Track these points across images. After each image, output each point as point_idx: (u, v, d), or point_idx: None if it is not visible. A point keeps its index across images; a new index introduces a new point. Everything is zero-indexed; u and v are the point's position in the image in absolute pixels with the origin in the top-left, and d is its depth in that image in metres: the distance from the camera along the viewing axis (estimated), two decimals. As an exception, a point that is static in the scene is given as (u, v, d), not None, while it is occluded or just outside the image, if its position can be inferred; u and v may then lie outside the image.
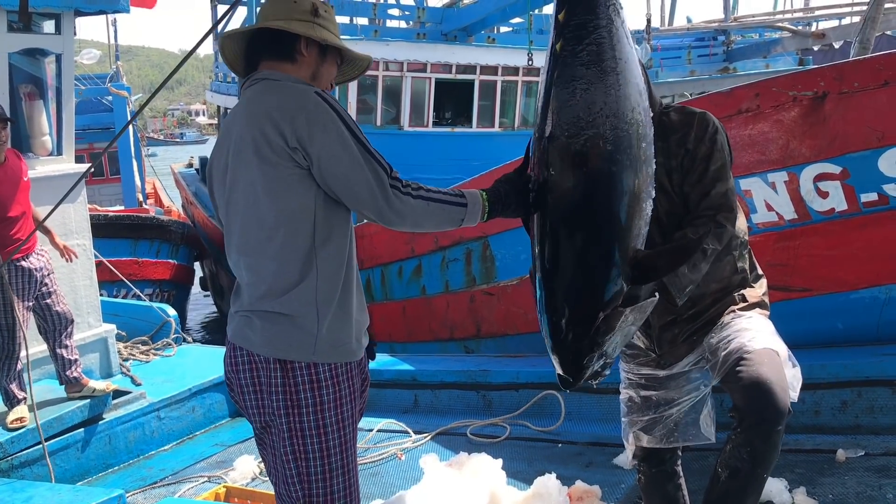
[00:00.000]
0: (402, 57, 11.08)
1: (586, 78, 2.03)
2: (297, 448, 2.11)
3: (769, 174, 4.69)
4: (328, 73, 2.23)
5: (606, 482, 3.83)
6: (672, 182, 2.40)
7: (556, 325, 2.15)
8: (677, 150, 2.38)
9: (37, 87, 5.50)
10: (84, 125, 15.93)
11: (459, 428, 4.96)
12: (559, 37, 2.07)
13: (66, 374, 4.82)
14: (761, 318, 2.54)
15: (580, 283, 2.11)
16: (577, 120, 2.04)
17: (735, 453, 2.33)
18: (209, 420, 5.56)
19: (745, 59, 16.85)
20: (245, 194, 2.09)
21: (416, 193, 2.03)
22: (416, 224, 2.06)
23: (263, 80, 2.13)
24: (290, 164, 2.01)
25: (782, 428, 2.28)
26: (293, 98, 2.03)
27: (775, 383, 2.29)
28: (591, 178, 2.07)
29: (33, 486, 4.01)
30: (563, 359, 2.18)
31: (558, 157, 2.07)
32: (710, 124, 2.40)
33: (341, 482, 2.15)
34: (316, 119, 1.99)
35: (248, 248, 2.12)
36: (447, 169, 10.95)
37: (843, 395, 4.33)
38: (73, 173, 5.34)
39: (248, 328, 2.13)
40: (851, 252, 4.63)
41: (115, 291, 9.30)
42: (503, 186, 2.14)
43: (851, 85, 4.35)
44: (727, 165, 2.40)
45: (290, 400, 2.09)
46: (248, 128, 2.05)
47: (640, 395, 2.69)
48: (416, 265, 8.02)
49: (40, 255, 4.68)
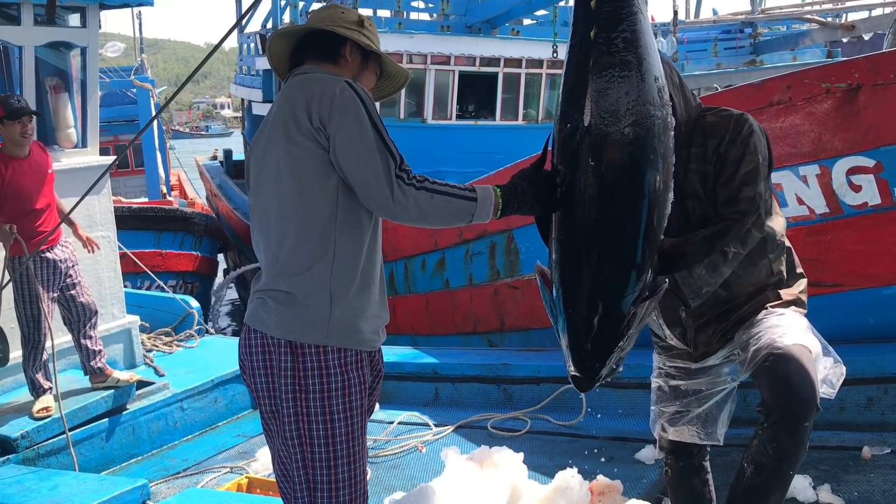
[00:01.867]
0: (426, 49, 11.07)
1: (622, 66, 1.99)
2: (302, 433, 2.11)
3: (800, 167, 4.62)
4: (368, 80, 2.32)
5: (628, 477, 3.81)
6: (706, 187, 2.37)
7: (580, 325, 2.10)
8: (712, 155, 2.36)
9: (62, 80, 5.55)
10: (109, 118, 16.07)
11: (480, 421, 4.95)
12: (591, 24, 2.03)
13: (91, 365, 4.87)
14: (795, 315, 2.50)
15: (610, 279, 2.06)
16: (616, 109, 1.99)
17: (761, 448, 2.30)
18: (231, 411, 5.60)
19: (773, 51, 16.64)
20: (271, 172, 2.14)
21: (420, 185, 2.02)
22: (421, 217, 2.03)
23: (304, 73, 2.21)
24: (313, 145, 2.06)
25: (809, 424, 2.25)
26: (323, 84, 2.10)
27: (803, 379, 2.27)
28: (626, 170, 2.01)
29: (59, 475, 4.08)
30: (584, 360, 2.13)
31: (596, 149, 2.01)
32: (745, 126, 2.36)
33: (346, 471, 2.14)
34: (340, 102, 2.05)
35: (268, 227, 2.16)
36: (470, 162, 10.94)
37: (868, 392, 4.28)
38: (98, 165, 5.38)
39: (263, 310, 2.15)
40: (884, 247, 4.55)
41: (139, 283, 9.38)
42: (520, 183, 2.09)
43: (887, 76, 4.27)
44: (759, 169, 2.35)
45: (298, 384, 2.10)
46: (280, 111, 2.13)
47: (670, 385, 2.68)
48: (440, 258, 8.02)
49: (65, 246, 4.73)
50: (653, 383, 2.76)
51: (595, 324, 2.07)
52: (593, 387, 2.17)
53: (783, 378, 2.28)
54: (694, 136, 2.37)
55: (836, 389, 2.38)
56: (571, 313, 2.10)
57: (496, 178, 6.96)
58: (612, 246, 2.05)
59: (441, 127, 11.38)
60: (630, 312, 2.07)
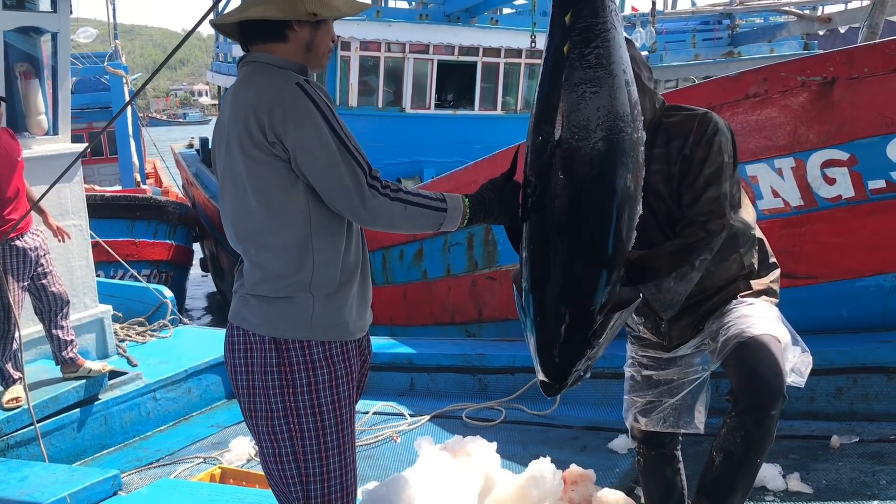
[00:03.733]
0: (405, 38, 11.00)
1: (594, 82, 2.01)
2: (292, 427, 2.10)
3: (776, 160, 4.65)
4: (324, 38, 2.16)
5: (601, 466, 3.83)
6: (670, 188, 2.38)
7: (548, 331, 2.12)
8: (677, 156, 2.37)
9: (32, 66, 5.45)
10: (83, 104, 15.86)
11: (455, 411, 4.97)
12: (565, 39, 2.04)
13: (62, 355, 4.82)
14: (765, 305, 2.52)
15: (578, 288, 2.09)
16: (587, 124, 2.01)
17: (729, 437, 2.34)
18: (205, 401, 5.57)
19: (750, 43, 16.69)
20: (234, 186, 2.08)
21: (395, 196, 1.99)
22: (391, 226, 2.03)
23: (253, 62, 2.11)
24: (271, 159, 1.99)
25: (776, 413, 2.28)
26: (272, 90, 1.99)
27: (770, 368, 2.30)
28: (595, 184, 2.04)
29: (28, 466, 4.03)
30: (552, 366, 2.16)
31: (565, 163, 2.03)
32: (710, 125, 2.35)
33: (337, 461, 2.14)
34: (292, 112, 1.96)
35: (241, 238, 2.13)
36: (448, 152, 10.93)
37: (838, 382, 4.33)
38: (69, 153, 5.30)
39: (245, 308, 2.14)
40: (858, 239, 4.60)
41: (113, 272, 9.28)
42: (488, 194, 2.11)
43: (861, 70, 4.30)
44: (724, 169, 2.35)
45: (285, 379, 2.08)
46: (233, 122, 2.03)
47: (643, 375, 2.70)
48: (418, 249, 8.01)
49: (35, 234, 4.66)
50: (626, 372, 2.78)
51: (562, 331, 2.10)
52: (561, 392, 2.20)
53: (751, 367, 2.31)
54: (657, 136, 2.37)
55: (805, 378, 2.41)
56: (539, 320, 2.13)
57: (476, 167, 6.96)
58: (579, 256, 2.07)
59: (419, 116, 11.34)
60: (597, 322, 2.09)
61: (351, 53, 10.66)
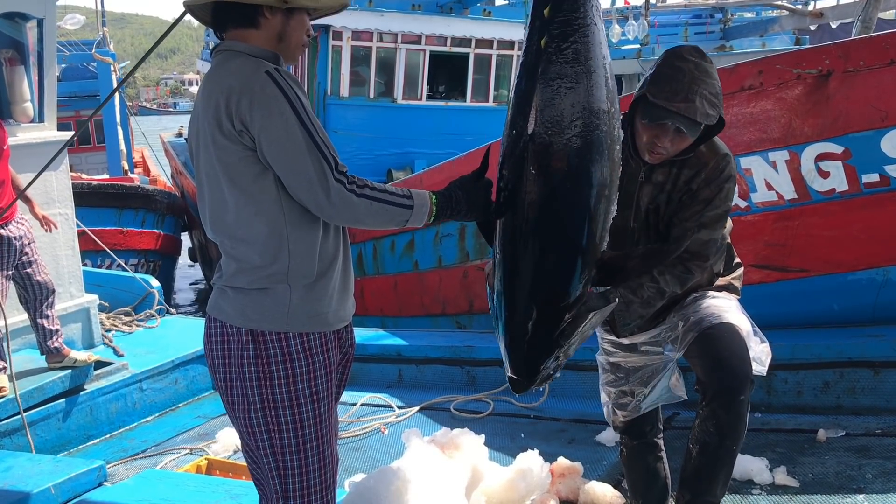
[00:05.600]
0: (397, 28, 10.94)
1: (570, 77, 2.00)
2: (269, 419, 2.08)
3: (770, 153, 4.64)
4: (297, 29, 2.11)
5: (589, 459, 3.83)
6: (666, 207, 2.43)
7: (516, 327, 2.13)
8: (684, 186, 2.40)
9: (18, 53, 5.37)
10: (70, 92, 15.72)
11: (443, 403, 4.96)
12: (543, 32, 2.02)
13: (47, 345, 4.78)
14: (725, 297, 2.58)
15: (550, 284, 2.09)
16: (561, 119, 2.00)
17: (702, 427, 2.39)
18: (192, 392, 5.54)
19: (742, 37, 16.71)
20: (208, 177, 2.06)
21: (361, 192, 1.96)
22: (355, 221, 2.00)
23: (225, 51, 2.07)
24: (239, 147, 1.96)
25: (745, 398, 2.32)
26: (241, 79, 1.95)
27: (735, 354, 2.35)
28: (569, 179, 2.04)
29: (13, 456, 3.99)
30: (518, 363, 2.17)
31: (538, 158, 2.03)
32: (726, 170, 2.39)
33: (315, 455, 2.12)
34: (260, 101, 1.92)
35: (218, 229, 2.10)
36: (440, 143, 10.89)
37: (825, 376, 4.34)
38: (55, 141, 5.24)
39: (222, 299, 2.11)
40: (850, 233, 4.60)
41: (100, 261, 9.22)
42: (456, 192, 2.08)
43: (857, 63, 4.29)
44: (723, 216, 2.41)
45: (262, 371, 2.05)
46: (205, 112, 2.00)
47: (609, 362, 2.74)
48: (409, 240, 7.98)
49: (20, 223, 4.61)
50: (598, 359, 2.82)
51: (530, 328, 2.10)
52: (529, 389, 2.21)
53: (715, 355, 2.36)
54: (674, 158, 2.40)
55: (766, 367, 2.46)
56: (508, 316, 2.14)
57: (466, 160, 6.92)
58: (549, 254, 2.07)
59: (411, 107, 11.29)
60: (565, 320, 2.09)
61: (343, 43, 10.60)
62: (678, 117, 2.25)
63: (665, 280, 2.38)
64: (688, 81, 2.25)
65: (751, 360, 2.37)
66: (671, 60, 2.31)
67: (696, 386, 2.41)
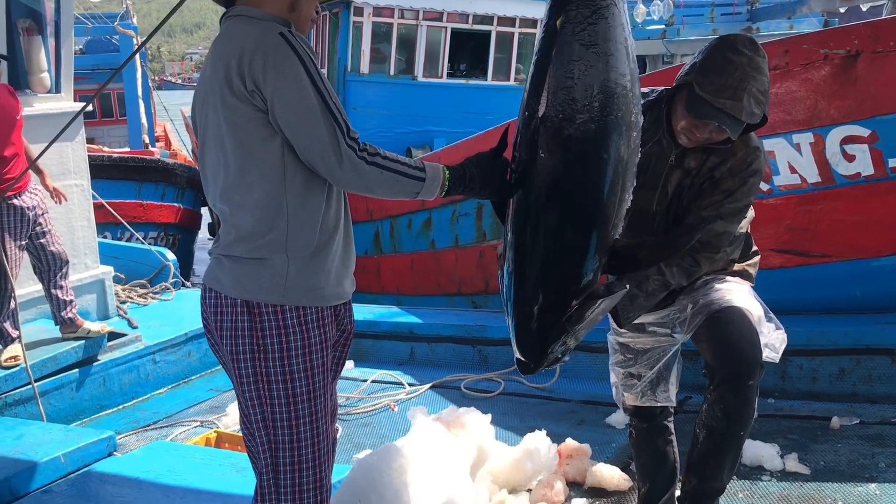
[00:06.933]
0: (418, 5, 10.84)
1: (587, 58, 1.95)
2: (262, 393, 2.05)
3: (794, 135, 4.54)
4: (308, 1, 2.09)
5: (597, 441, 3.80)
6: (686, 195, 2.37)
7: (525, 310, 2.10)
8: (707, 172, 2.34)
9: (35, 22, 5.37)
10: (93, 65, 15.76)
11: (454, 381, 4.94)
12: (560, 13, 1.97)
13: (61, 315, 4.81)
14: (737, 282, 2.52)
15: (559, 268, 2.06)
16: (578, 102, 1.96)
17: (710, 412, 2.36)
18: (205, 365, 5.55)
19: (769, 19, 16.44)
20: (214, 139, 2.02)
21: (372, 160, 1.92)
22: (366, 189, 1.96)
23: (237, 16, 2.03)
24: (249, 108, 1.92)
25: (754, 383, 2.28)
26: (254, 39, 1.92)
27: (744, 338, 2.31)
28: (584, 162, 2.00)
29: (25, 425, 4.04)
30: (527, 346, 2.14)
31: (552, 140, 1.99)
32: (753, 164, 2.33)
33: (308, 430, 2.09)
34: (274, 61, 1.88)
35: (219, 195, 2.06)
36: (460, 122, 10.80)
37: (841, 363, 4.27)
38: (72, 112, 5.21)
39: (219, 269, 2.08)
40: (875, 219, 4.50)
41: (120, 234, 9.27)
42: (471, 169, 2.04)
43: (887, 44, 4.16)
44: (742, 210, 2.36)
45: (256, 344, 2.03)
46: (214, 73, 1.97)
47: (619, 342, 2.71)
48: (426, 218, 7.95)
49: (34, 193, 4.62)
50: (608, 338, 2.78)
51: (538, 311, 2.08)
52: (536, 371, 2.19)
53: (724, 339, 2.32)
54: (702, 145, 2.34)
55: (780, 354, 2.41)
56: (518, 298, 2.11)
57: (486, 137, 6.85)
58: (560, 239, 2.04)
59: (431, 85, 11.20)
60: (574, 305, 2.06)
61: (364, 19, 10.52)
62: (723, 115, 2.16)
63: (672, 272, 2.34)
64: (738, 77, 2.15)
65: (761, 345, 2.33)
66: (723, 51, 2.21)
67: (704, 370, 2.38)
